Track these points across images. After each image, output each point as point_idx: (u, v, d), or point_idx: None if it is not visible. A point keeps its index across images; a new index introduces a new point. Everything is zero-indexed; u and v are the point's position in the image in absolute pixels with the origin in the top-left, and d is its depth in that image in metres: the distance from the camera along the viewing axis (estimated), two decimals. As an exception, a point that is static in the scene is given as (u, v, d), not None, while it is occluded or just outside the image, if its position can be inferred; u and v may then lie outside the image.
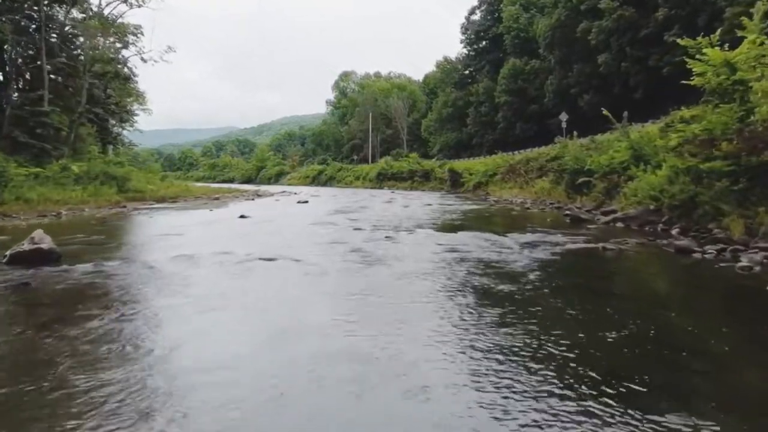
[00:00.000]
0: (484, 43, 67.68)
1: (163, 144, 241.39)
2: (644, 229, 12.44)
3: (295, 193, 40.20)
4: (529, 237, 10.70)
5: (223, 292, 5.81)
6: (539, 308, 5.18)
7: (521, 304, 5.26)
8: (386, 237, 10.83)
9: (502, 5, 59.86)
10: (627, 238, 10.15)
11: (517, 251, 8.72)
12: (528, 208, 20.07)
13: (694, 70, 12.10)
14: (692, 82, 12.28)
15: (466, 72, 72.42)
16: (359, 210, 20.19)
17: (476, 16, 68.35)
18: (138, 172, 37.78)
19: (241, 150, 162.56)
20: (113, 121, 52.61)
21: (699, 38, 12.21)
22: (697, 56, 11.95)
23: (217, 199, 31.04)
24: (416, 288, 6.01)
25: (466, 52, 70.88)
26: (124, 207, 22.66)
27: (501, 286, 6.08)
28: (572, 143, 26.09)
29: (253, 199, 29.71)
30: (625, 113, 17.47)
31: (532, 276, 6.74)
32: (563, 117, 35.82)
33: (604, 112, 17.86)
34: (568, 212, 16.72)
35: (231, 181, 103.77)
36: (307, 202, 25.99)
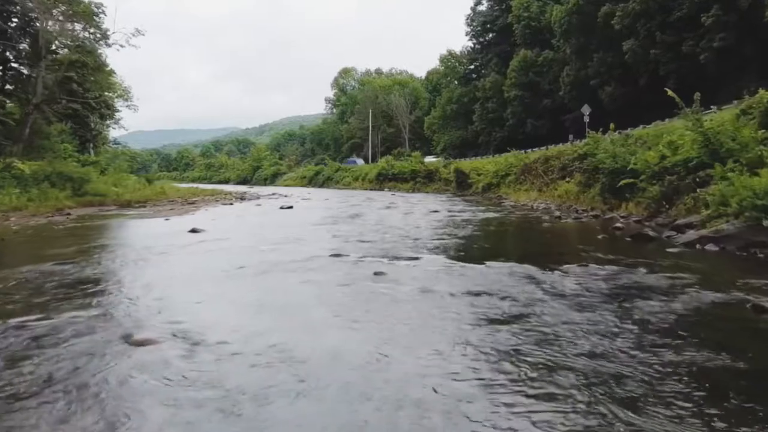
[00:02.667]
0: (490, 35, 63.71)
1: (166, 144, 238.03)
2: (751, 253, 8.57)
3: (285, 196, 36.33)
4: (602, 274, 6.77)
5: None
6: None
7: None
8: (376, 274, 6.92)
9: (510, -6, 55.92)
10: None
11: (611, 320, 4.75)
12: (559, 218, 16.12)
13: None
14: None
15: (472, 66, 68.50)
16: (350, 220, 16.30)
17: (482, 6, 64.49)
18: (108, 173, 34.05)
19: (241, 150, 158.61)
20: (96, 119, 49.17)
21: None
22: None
23: (191, 203, 27.19)
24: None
25: (472, 45, 67.04)
26: (68, 214, 18.88)
27: None
28: (604, 138, 22.16)
29: (231, 204, 25.85)
30: (697, 95, 13.48)
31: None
32: (586, 110, 31.85)
33: (669, 92, 13.93)
34: (619, 226, 12.77)
35: (226, 182, 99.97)
36: (291, 207, 22.09)
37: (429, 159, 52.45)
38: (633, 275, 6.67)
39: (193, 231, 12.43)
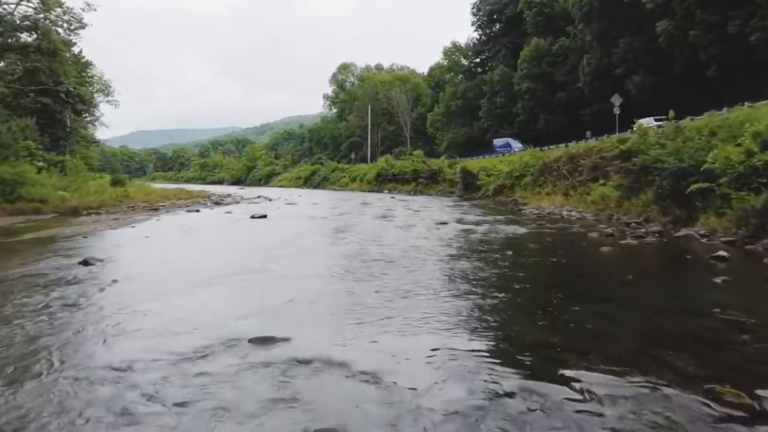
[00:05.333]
0: (498, 25, 59.35)
1: (166, 144, 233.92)
2: None
3: (270, 200, 32.10)
4: None
5: None
6: None
7: None
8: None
9: (521, -20, 51.48)
10: None
11: None
12: (612, 235, 11.85)
13: None
14: None
15: (478, 59, 64.18)
16: (329, 240, 12.08)
17: (489, -5, 60.02)
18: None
19: (240, 150, 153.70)
20: (68, 114, 44.97)
21: None
22: None
23: (153, 209, 22.99)
24: None
25: (478, 36, 62.63)
26: (-29, 228, 14.65)
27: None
28: (654, 130, 17.87)
29: (198, 211, 21.58)
30: None
31: None
32: (616, 100, 27.55)
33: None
34: (723, 255, 8.49)
35: (221, 182, 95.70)
36: (264, 217, 17.86)
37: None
38: None
39: (85, 263, 8.24)
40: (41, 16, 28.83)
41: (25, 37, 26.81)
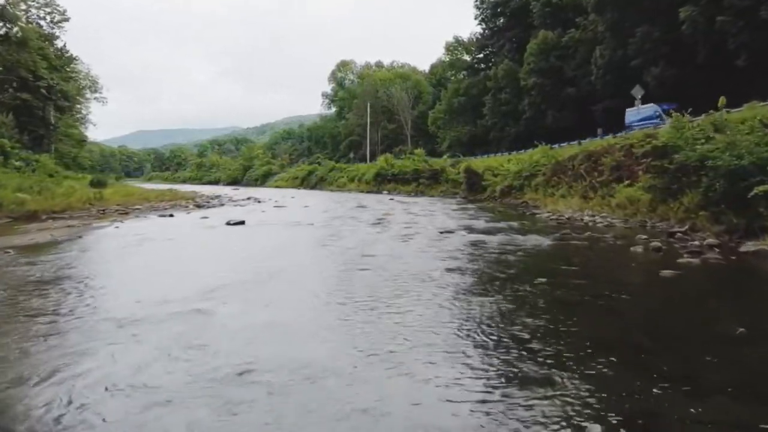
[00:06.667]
0: (502, 19, 56.84)
1: (167, 144, 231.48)
2: None
3: (259, 202, 29.77)
4: None
5: None
6: None
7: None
8: None
9: (526, -30, 48.95)
10: None
11: None
12: (659, 249, 9.48)
13: None
14: None
15: (481, 55, 61.69)
16: (306, 257, 9.73)
17: (493, -13, 57.49)
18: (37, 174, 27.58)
19: (239, 149, 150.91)
20: (50, 111, 42.62)
21: None
22: None
23: (125, 213, 20.71)
24: None
25: (482, 31, 60.05)
26: None
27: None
28: (693, 122, 15.42)
29: (171, 216, 19.23)
30: None
31: None
32: (637, 92, 25.14)
33: None
34: None
35: (217, 182, 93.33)
36: (242, 223, 15.51)
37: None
38: None
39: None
40: (11, 2, 26.47)
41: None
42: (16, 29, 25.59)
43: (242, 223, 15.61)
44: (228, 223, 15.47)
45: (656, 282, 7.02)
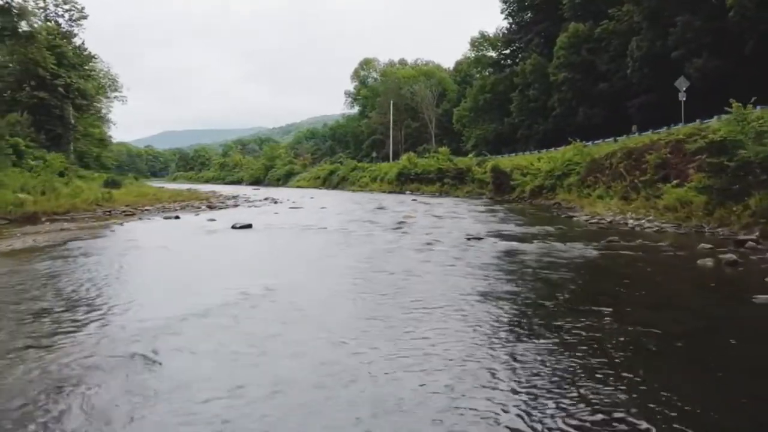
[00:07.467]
0: (530, 12, 54.82)
1: (193, 144, 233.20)
2: None
3: (276, 202, 28.52)
4: None
5: None
6: None
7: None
8: None
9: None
10: None
11: None
12: (734, 263, 7.82)
13: None
14: None
15: (508, 50, 59.67)
16: (309, 272, 8.29)
17: (520, -20, 55.48)
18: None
19: (263, 149, 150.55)
20: (68, 109, 42.00)
21: None
22: None
23: (130, 214, 19.63)
24: None
25: (508, 25, 58.06)
26: None
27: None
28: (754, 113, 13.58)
29: (177, 218, 17.99)
30: None
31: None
32: (682, 84, 23.12)
33: None
34: None
35: (239, 182, 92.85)
36: (249, 227, 14.16)
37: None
38: None
39: None
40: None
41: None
42: (23, 23, 24.61)
43: (249, 226, 14.26)
44: (233, 227, 14.13)
45: (755, 313, 5.37)
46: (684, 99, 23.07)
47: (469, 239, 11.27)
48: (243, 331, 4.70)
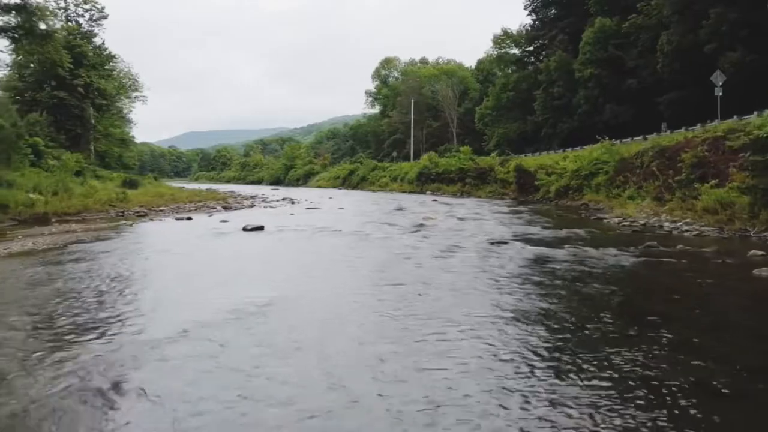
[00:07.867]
0: (554, 9, 53.56)
1: (215, 144, 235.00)
2: None
3: (293, 203, 27.94)
4: None
5: None
6: None
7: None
8: None
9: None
10: None
11: None
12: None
13: None
14: None
15: (531, 48, 58.37)
16: (315, 280, 7.57)
17: (544, -25, 54.16)
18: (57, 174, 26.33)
19: (284, 149, 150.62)
20: (89, 109, 42.01)
21: None
22: None
23: (142, 215, 19.18)
24: None
25: (532, 22, 56.77)
26: None
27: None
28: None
29: (190, 219, 17.47)
30: None
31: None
32: (718, 79, 21.91)
33: None
34: None
35: (260, 182, 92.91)
36: (261, 229, 13.52)
37: None
38: None
39: None
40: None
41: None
42: (41, 23, 24.35)
43: (260, 228, 13.61)
44: (244, 229, 13.50)
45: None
46: (720, 94, 21.86)
47: (492, 244, 10.45)
48: (221, 365, 3.96)
